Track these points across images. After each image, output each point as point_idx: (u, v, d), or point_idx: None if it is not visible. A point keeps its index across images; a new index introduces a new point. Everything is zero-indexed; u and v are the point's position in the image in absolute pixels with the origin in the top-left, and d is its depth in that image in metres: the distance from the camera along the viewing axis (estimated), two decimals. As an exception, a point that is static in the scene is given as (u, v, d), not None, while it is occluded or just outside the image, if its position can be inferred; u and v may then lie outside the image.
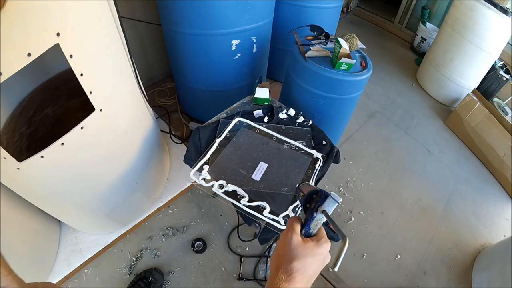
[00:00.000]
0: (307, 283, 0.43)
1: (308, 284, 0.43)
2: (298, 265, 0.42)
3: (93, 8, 0.81)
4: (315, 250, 0.44)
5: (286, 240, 0.45)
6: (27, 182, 0.94)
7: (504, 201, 2.06)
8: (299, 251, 0.43)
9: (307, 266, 0.43)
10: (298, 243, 0.44)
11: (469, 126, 2.33)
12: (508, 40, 2.33)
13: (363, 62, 1.46)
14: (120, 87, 1.06)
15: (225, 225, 1.61)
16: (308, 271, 0.43)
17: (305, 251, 0.43)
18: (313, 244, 0.45)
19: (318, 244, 0.45)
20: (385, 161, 2.12)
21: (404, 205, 1.88)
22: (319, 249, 0.44)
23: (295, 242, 0.44)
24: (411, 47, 3.47)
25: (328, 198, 0.47)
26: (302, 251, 0.43)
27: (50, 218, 1.40)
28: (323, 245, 0.45)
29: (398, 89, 2.83)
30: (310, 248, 0.44)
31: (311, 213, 0.47)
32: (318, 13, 2.03)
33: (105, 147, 1.06)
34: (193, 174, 1.09)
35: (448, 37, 2.49)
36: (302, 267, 0.42)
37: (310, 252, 0.44)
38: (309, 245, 0.44)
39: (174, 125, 2.06)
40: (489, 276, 1.50)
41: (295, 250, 0.43)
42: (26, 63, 0.66)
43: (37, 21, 0.64)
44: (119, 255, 1.46)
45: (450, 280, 1.59)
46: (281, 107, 1.40)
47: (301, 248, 0.44)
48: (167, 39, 1.69)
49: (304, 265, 0.42)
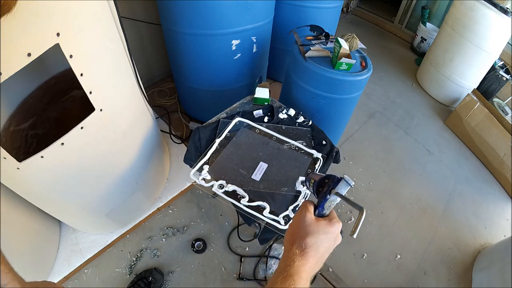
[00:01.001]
0: (319, 258, 0.45)
1: (320, 260, 0.46)
2: (311, 241, 0.45)
3: (93, 8, 0.81)
4: (327, 228, 0.47)
5: (300, 218, 0.48)
6: (27, 182, 0.94)
7: (504, 201, 2.06)
8: (312, 228, 0.46)
9: (319, 243, 0.45)
10: (311, 221, 0.48)
11: (469, 126, 2.33)
12: (508, 40, 2.33)
13: (363, 62, 1.46)
14: (120, 87, 1.06)
15: (225, 225, 1.61)
16: (320, 248, 0.45)
17: (318, 228, 0.46)
18: (326, 222, 0.47)
19: (331, 223, 0.47)
20: (385, 161, 2.12)
21: (404, 205, 1.88)
22: (331, 228, 0.47)
23: (309, 220, 0.48)
24: (411, 47, 3.47)
25: (341, 181, 0.49)
26: (315, 228, 0.46)
27: (50, 218, 1.40)
28: (335, 224, 0.47)
29: (398, 89, 2.83)
30: (322, 226, 0.47)
31: (324, 195, 0.50)
32: (318, 13, 2.03)
33: (105, 147, 1.06)
34: (193, 174, 1.09)
35: (448, 37, 2.49)
36: (315, 243, 0.45)
37: (322, 230, 0.46)
38: (321, 223, 0.47)
39: (174, 125, 2.06)
40: (489, 276, 1.50)
41: (308, 227, 0.46)
42: (26, 63, 0.66)
43: (37, 21, 0.64)
44: (119, 255, 1.46)
45: (450, 280, 1.59)
46: (281, 107, 1.40)
47: (314, 226, 0.47)
48: (167, 39, 1.69)
49: (316, 241, 0.45)
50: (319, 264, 0.46)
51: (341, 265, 1.54)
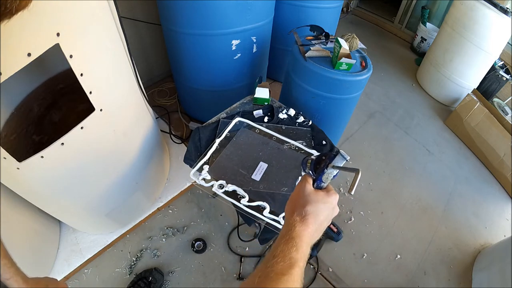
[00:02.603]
0: (318, 226, 0.48)
1: (319, 228, 0.49)
2: (311, 209, 0.48)
3: (93, 8, 0.81)
4: (326, 198, 0.50)
5: (300, 189, 0.52)
6: (27, 182, 0.94)
7: (504, 201, 2.06)
8: (311, 197, 0.50)
9: (318, 211, 0.48)
10: (310, 191, 0.51)
11: (469, 126, 2.33)
12: (508, 40, 2.33)
13: (363, 62, 1.46)
14: (120, 87, 1.06)
15: (225, 225, 1.61)
16: (319, 216, 0.48)
17: (317, 198, 0.50)
18: (324, 193, 0.51)
19: (328, 194, 0.51)
20: (385, 161, 2.12)
21: (404, 205, 1.88)
22: (329, 198, 0.51)
23: (308, 190, 0.51)
24: (411, 47, 3.47)
25: (338, 155, 0.53)
26: (314, 198, 0.50)
27: (50, 218, 1.40)
28: (332, 195, 0.51)
29: (398, 89, 2.83)
30: (321, 196, 0.51)
31: (322, 169, 0.53)
32: (318, 13, 2.03)
33: (105, 147, 1.06)
34: (193, 174, 1.09)
35: (448, 37, 2.49)
36: (314, 211, 0.48)
37: (321, 199, 0.50)
38: (320, 193, 0.51)
39: (174, 125, 2.06)
40: (489, 276, 1.50)
41: (308, 197, 0.50)
42: (26, 63, 0.66)
43: (37, 21, 0.64)
44: (119, 255, 1.46)
45: (450, 280, 1.59)
46: (281, 107, 1.40)
47: (313, 195, 0.50)
48: (167, 39, 1.69)
49: (315, 209, 0.48)
50: (318, 232, 0.49)
51: (341, 265, 1.54)
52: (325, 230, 0.52)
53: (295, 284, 0.40)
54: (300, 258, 0.43)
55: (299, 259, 0.43)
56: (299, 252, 0.43)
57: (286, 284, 0.39)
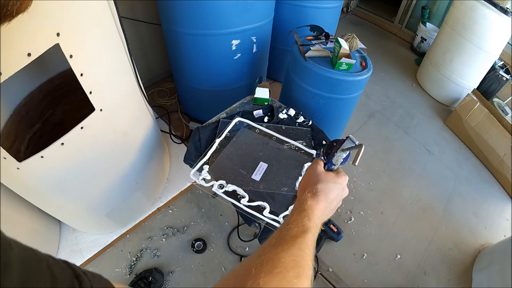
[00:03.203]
0: (329, 204, 0.51)
1: (329, 205, 0.52)
2: (322, 187, 0.51)
3: (93, 8, 0.81)
4: (335, 179, 0.54)
5: (312, 170, 0.56)
6: (27, 182, 0.94)
7: (504, 201, 2.06)
8: (322, 177, 0.54)
9: (328, 189, 0.52)
10: (321, 171, 0.55)
11: (469, 126, 2.33)
12: (508, 40, 2.33)
13: (363, 62, 1.46)
14: (120, 87, 1.06)
15: (225, 225, 1.61)
16: (329, 194, 0.51)
17: (327, 177, 0.54)
18: (334, 174, 0.55)
19: (338, 175, 0.55)
20: (385, 161, 2.12)
21: (404, 205, 1.88)
22: (339, 179, 0.54)
23: (319, 171, 0.55)
24: (411, 47, 3.47)
25: (347, 139, 0.57)
26: (325, 177, 0.53)
27: (50, 218, 1.40)
28: (342, 176, 0.55)
29: (398, 89, 2.82)
30: (331, 176, 0.54)
31: (333, 153, 0.57)
32: (318, 13, 2.03)
33: (105, 147, 1.06)
34: (193, 174, 1.09)
35: (448, 37, 2.49)
36: (325, 189, 0.51)
37: (331, 179, 0.53)
38: (330, 174, 0.55)
39: (174, 125, 2.06)
40: (489, 276, 1.50)
41: (319, 176, 0.54)
42: (26, 63, 0.66)
43: (37, 21, 0.64)
44: (119, 255, 1.46)
45: (450, 280, 1.59)
46: (281, 107, 1.40)
47: (324, 175, 0.54)
48: (167, 39, 1.69)
49: (326, 187, 0.52)
50: (328, 210, 0.52)
51: (341, 265, 1.54)
52: (325, 230, 0.53)
53: (308, 248, 0.43)
54: (312, 226, 0.46)
55: (311, 227, 0.46)
56: (311, 221, 0.46)
57: (300, 246, 0.42)
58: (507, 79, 2.49)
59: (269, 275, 0.36)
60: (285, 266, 0.38)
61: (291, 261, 0.39)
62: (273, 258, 0.38)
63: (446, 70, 2.58)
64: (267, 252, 0.40)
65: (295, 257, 0.40)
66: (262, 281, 0.35)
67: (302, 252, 0.41)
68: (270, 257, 0.39)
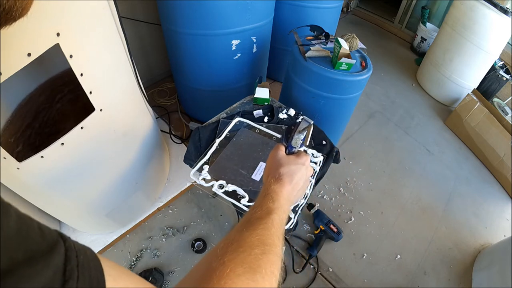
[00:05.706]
0: (294, 185, 0.52)
1: (295, 186, 0.53)
2: (284, 170, 0.52)
3: (93, 8, 0.81)
4: (296, 160, 0.55)
5: (273, 156, 0.57)
6: (27, 182, 0.94)
7: (504, 201, 2.06)
8: (283, 160, 0.55)
9: (292, 172, 0.53)
10: (282, 155, 0.56)
11: (469, 126, 2.33)
12: (508, 40, 2.33)
13: (363, 62, 1.46)
14: (120, 87, 1.06)
15: (225, 225, 1.61)
16: (293, 176, 0.52)
17: (288, 160, 0.55)
18: (294, 156, 0.56)
19: (299, 156, 0.56)
20: (385, 161, 2.12)
21: (404, 205, 1.88)
22: (300, 159, 0.55)
23: (280, 155, 0.56)
24: (411, 47, 3.47)
25: (302, 120, 0.60)
26: (286, 161, 0.55)
27: (50, 218, 1.40)
28: (302, 157, 0.56)
29: (398, 89, 2.83)
30: (292, 158, 0.55)
31: (292, 136, 0.59)
32: (318, 13, 2.03)
33: (105, 147, 1.06)
34: (193, 174, 1.08)
35: (448, 37, 2.49)
36: (287, 172, 0.52)
37: (293, 162, 0.54)
38: (291, 157, 0.56)
39: (174, 125, 2.06)
40: (489, 276, 1.50)
41: (280, 160, 0.55)
42: (26, 63, 0.66)
43: (37, 21, 0.64)
44: (119, 255, 1.46)
45: (450, 280, 1.59)
46: (281, 107, 1.40)
47: (285, 159, 0.55)
48: (167, 39, 1.69)
49: (288, 170, 0.53)
50: (296, 190, 0.53)
51: (341, 265, 1.54)
52: (325, 230, 0.54)
53: (274, 227, 0.44)
54: (277, 207, 0.47)
55: (276, 208, 0.47)
56: (275, 203, 0.47)
57: (265, 226, 0.43)
58: (507, 79, 2.49)
59: (234, 253, 0.37)
60: (250, 245, 0.39)
61: (256, 240, 0.40)
62: (238, 239, 0.39)
63: (446, 70, 2.58)
64: (233, 235, 0.41)
65: (260, 236, 0.41)
66: (227, 259, 0.36)
67: (268, 231, 0.42)
68: (236, 239, 0.40)
